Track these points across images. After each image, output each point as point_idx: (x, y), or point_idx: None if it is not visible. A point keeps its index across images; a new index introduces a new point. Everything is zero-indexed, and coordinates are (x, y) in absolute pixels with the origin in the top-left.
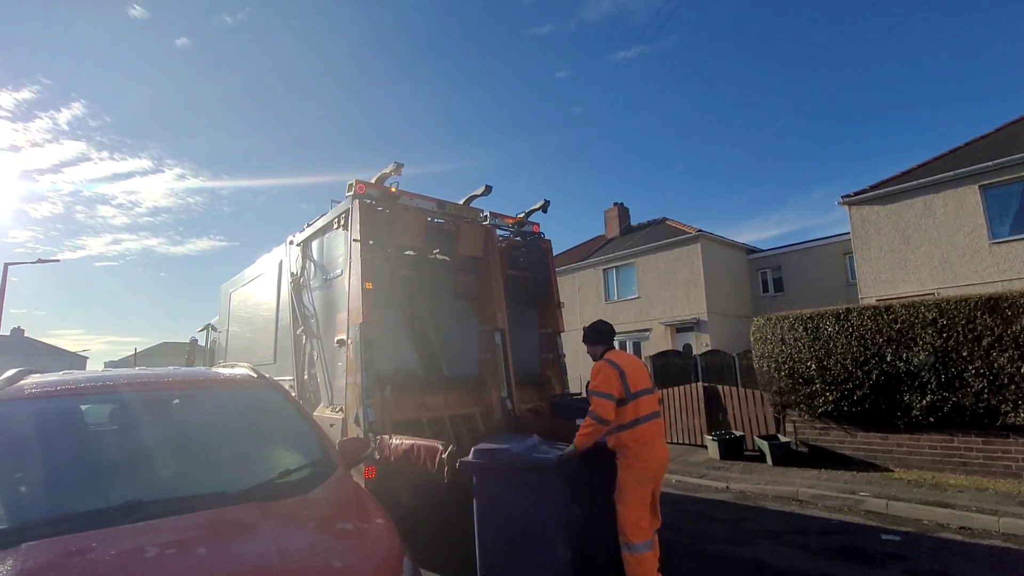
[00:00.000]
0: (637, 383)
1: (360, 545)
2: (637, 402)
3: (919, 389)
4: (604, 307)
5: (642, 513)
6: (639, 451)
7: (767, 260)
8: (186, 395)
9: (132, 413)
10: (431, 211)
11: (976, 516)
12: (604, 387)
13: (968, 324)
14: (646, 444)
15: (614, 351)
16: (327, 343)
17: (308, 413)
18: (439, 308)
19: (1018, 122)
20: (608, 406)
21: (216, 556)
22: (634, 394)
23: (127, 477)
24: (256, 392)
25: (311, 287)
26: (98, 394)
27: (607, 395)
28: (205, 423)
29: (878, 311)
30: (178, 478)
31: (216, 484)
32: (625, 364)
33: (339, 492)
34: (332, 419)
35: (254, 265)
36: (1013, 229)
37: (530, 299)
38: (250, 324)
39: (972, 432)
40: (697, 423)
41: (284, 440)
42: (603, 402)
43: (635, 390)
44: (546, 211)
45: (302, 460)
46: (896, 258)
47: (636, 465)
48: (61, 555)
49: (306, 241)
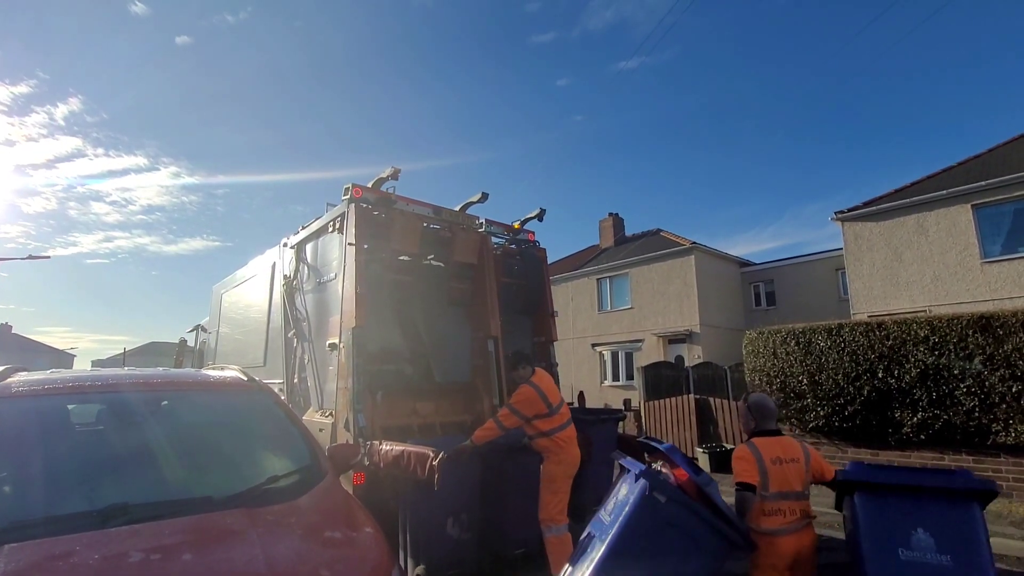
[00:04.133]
0: (555, 398)
1: (348, 554)
2: (561, 412)
3: (910, 406)
4: (597, 317)
5: (565, 501)
6: (566, 449)
7: (760, 274)
8: (175, 397)
9: (120, 414)
10: (427, 217)
11: None
12: (522, 408)
13: (960, 342)
14: (569, 443)
15: (537, 374)
16: (319, 347)
17: (298, 418)
18: (432, 314)
19: (1011, 143)
20: (515, 421)
21: (202, 562)
22: (556, 407)
23: (113, 479)
24: (245, 395)
25: (304, 290)
26: (85, 394)
27: (520, 414)
28: (193, 426)
29: (870, 327)
30: (165, 481)
31: (203, 488)
32: (544, 385)
33: (327, 499)
34: (322, 423)
35: (246, 267)
36: (1004, 249)
37: (524, 307)
38: (241, 326)
39: (963, 450)
40: (688, 435)
41: (273, 445)
42: (513, 417)
43: (555, 403)
44: (542, 220)
45: (291, 466)
46: (888, 275)
47: (565, 460)
48: (44, 558)
49: (300, 244)
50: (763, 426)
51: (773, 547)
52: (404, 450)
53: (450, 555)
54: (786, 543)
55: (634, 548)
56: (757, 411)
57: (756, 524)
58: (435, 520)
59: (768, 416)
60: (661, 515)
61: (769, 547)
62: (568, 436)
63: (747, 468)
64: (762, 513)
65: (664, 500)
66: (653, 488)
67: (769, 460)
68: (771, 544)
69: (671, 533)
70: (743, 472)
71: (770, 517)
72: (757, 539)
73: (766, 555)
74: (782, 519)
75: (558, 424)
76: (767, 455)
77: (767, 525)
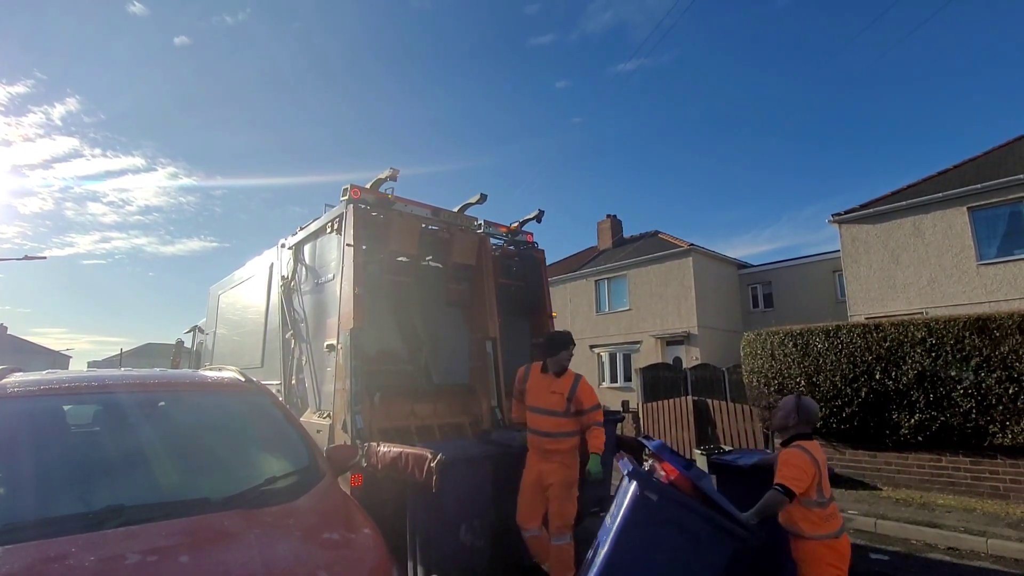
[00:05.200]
0: None
1: (347, 556)
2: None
3: (908, 408)
4: (595, 318)
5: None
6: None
7: (758, 276)
8: (172, 398)
9: (116, 415)
10: (425, 218)
11: (964, 537)
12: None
13: (957, 344)
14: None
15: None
16: (316, 348)
17: (296, 419)
18: (430, 315)
19: (1007, 146)
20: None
21: (199, 564)
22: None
23: (109, 480)
24: (243, 396)
25: (302, 291)
26: (82, 395)
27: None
28: (190, 427)
29: (868, 329)
30: (161, 483)
31: (200, 490)
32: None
33: (326, 501)
34: (319, 425)
35: (244, 267)
36: (1000, 251)
37: (522, 309)
38: (238, 327)
39: (960, 452)
40: (686, 437)
41: (271, 446)
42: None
43: None
44: (540, 221)
45: (288, 467)
46: (885, 277)
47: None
48: (40, 560)
49: (298, 245)
50: (803, 429)
51: (837, 550)
52: (402, 452)
53: (463, 563)
54: (846, 543)
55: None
56: (805, 414)
57: (815, 531)
58: (447, 527)
59: (813, 421)
60: (656, 514)
61: (832, 552)
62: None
63: (801, 477)
64: (822, 519)
65: (656, 499)
66: (644, 488)
67: (823, 464)
68: (833, 548)
69: (668, 531)
70: (795, 480)
71: (830, 521)
72: (817, 547)
73: (831, 560)
74: (839, 520)
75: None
76: (820, 460)
77: (829, 529)
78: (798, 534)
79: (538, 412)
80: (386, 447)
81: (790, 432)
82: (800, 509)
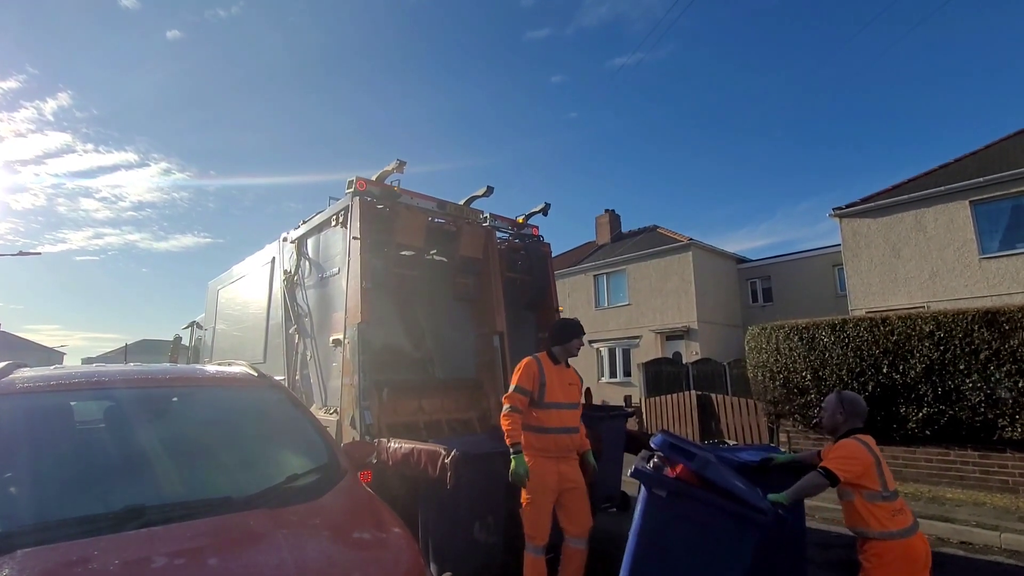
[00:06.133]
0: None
1: (380, 556)
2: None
3: (915, 402)
4: (594, 313)
5: None
6: None
7: (757, 270)
8: (185, 393)
9: (129, 412)
10: (432, 211)
11: (977, 531)
12: None
13: (965, 338)
14: None
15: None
16: (321, 343)
17: (311, 414)
18: (437, 309)
19: (1008, 139)
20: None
21: (229, 567)
22: None
23: (127, 480)
24: (257, 391)
25: (305, 285)
26: (93, 390)
27: None
28: (205, 423)
29: (874, 323)
30: (180, 482)
31: (221, 488)
32: None
33: (352, 498)
34: (326, 421)
35: (244, 262)
36: (1003, 245)
37: (528, 303)
38: (239, 322)
39: (968, 446)
40: (690, 432)
41: (289, 442)
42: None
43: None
44: (546, 214)
45: (309, 464)
46: (886, 271)
47: None
48: (61, 563)
49: (301, 238)
50: (854, 424)
51: (910, 552)
52: (414, 448)
53: (478, 561)
54: (922, 543)
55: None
56: (851, 407)
57: (884, 528)
58: (460, 524)
59: (861, 413)
60: (667, 511)
61: (908, 551)
62: None
63: (849, 466)
64: (890, 515)
65: (665, 495)
66: (651, 486)
67: (880, 457)
68: (910, 548)
69: (682, 527)
70: (842, 467)
71: (898, 516)
72: (888, 547)
73: (904, 564)
74: (909, 516)
75: None
76: (878, 453)
77: (901, 524)
78: (865, 533)
79: (562, 407)
80: (397, 443)
81: (842, 430)
82: (865, 504)
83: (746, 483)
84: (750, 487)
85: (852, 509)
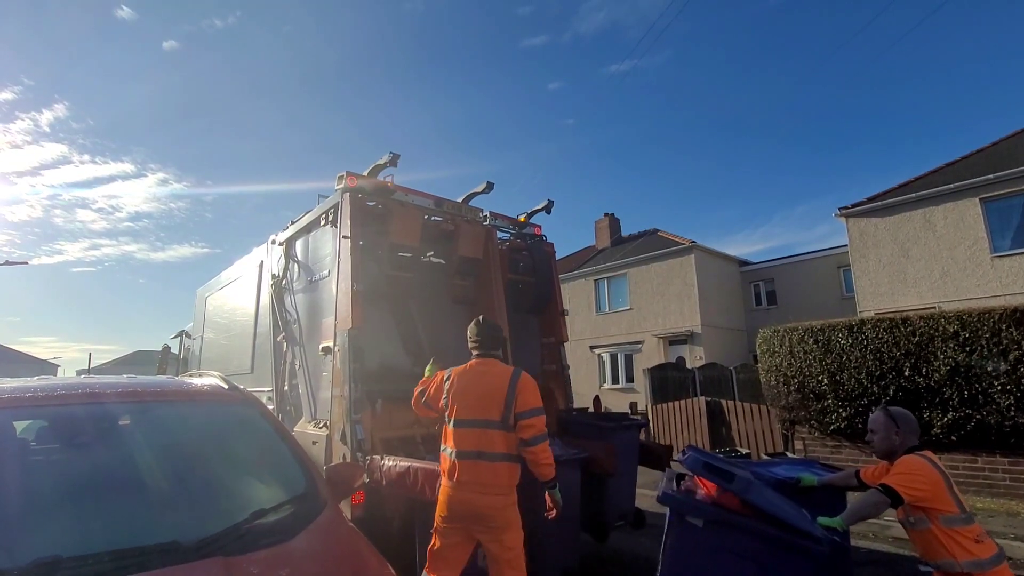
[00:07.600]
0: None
1: None
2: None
3: (940, 406)
4: (595, 319)
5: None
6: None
7: (760, 273)
8: (137, 411)
9: (63, 434)
10: (428, 208)
11: (1016, 545)
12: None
13: (993, 337)
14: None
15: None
16: (311, 351)
17: (289, 434)
18: (435, 314)
19: (1016, 135)
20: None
21: None
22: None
23: (44, 523)
24: (226, 407)
25: (294, 290)
26: (22, 409)
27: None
28: (157, 447)
29: (895, 323)
30: (116, 524)
31: (167, 532)
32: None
33: (328, 539)
34: (315, 436)
35: (232, 267)
36: (1015, 243)
37: (531, 306)
38: (226, 330)
39: (998, 452)
40: (699, 439)
41: (259, 469)
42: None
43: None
44: (550, 212)
45: (282, 495)
46: (895, 271)
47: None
48: None
49: (289, 240)
50: (911, 442)
51: None
52: (410, 466)
53: None
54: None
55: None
56: (905, 424)
57: (968, 556)
58: None
59: (917, 430)
60: (705, 542)
61: None
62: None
63: (915, 483)
64: (973, 540)
65: (702, 524)
66: (684, 513)
67: (947, 475)
68: None
69: (726, 560)
70: (906, 484)
71: (982, 543)
72: None
73: None
74: (992, 545)
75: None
76: (944, 470)
77: (986, 553)
78: (952, 566)
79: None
80: (391, 461)
81: (900, 452)
82: (944, 532)
83: (792, 505)
84: (797, 510)
85: (931, 539)
